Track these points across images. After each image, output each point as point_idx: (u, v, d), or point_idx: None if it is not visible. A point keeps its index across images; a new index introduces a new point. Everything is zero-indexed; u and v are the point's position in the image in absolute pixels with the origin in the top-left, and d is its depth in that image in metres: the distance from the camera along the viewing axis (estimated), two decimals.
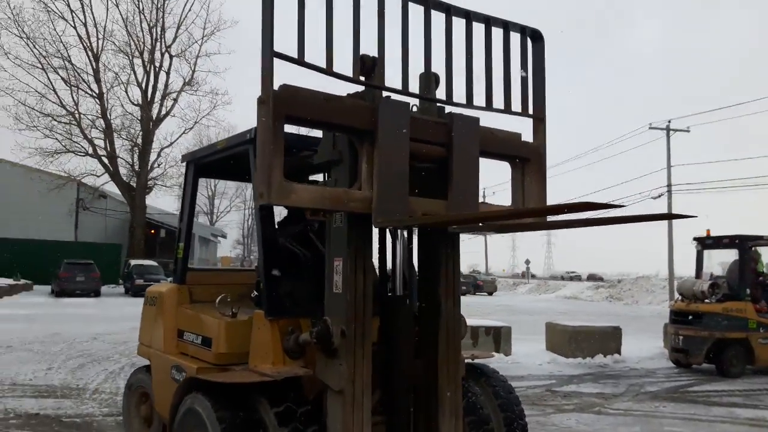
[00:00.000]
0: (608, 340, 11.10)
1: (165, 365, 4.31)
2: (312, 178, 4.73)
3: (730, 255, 10.62)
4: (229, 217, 52.86)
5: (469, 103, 3.09)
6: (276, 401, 3.24)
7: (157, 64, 35.02)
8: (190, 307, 4.40)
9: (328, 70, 2.70)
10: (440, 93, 3.12)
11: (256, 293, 3.76)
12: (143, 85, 34.80)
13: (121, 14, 35.22)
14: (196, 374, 3.70)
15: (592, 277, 61.30)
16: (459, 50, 3.08)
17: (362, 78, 2.89)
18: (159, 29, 34.79)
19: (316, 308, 3.23)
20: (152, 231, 37.58)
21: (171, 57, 35.23)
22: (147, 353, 4.73)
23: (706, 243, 10.49)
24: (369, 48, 2.87)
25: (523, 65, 3.24)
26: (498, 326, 10.97)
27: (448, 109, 3.19)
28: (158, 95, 35.21)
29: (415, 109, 3.17)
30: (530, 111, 3.27)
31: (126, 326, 13.84)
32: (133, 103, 34.89)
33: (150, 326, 4.71)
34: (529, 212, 2.83)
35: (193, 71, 35.28)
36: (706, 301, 9.78)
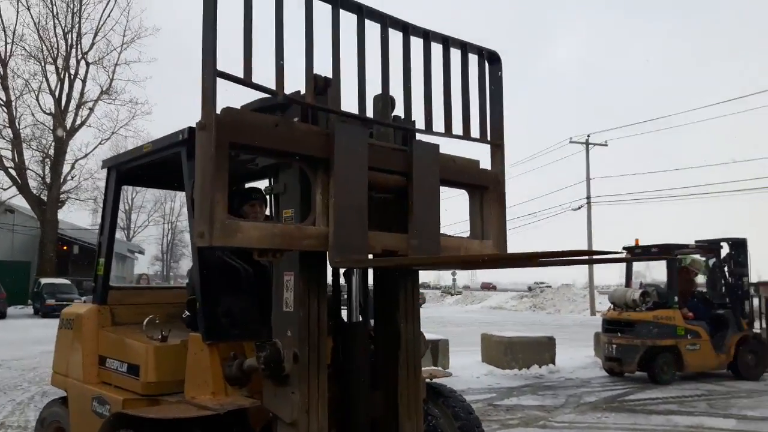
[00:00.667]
0: (543, 350, 11.18)
1: (84, 397, 3.87)
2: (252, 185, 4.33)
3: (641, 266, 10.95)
4: (147, 232, 50.67)
5: (428, 129, 2.88)
6: None
7: (72, 72, 33.29)
8: (113, 330, 3.98)
9: (279, 92, 2.41)
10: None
11: (187, 313, 3.43)
12: (56, 93, 32.97)
13: (32, 18, 33.01)
14: (123, 408, 3.31)
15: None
16: (416, 72, 2.87)
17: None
18: (74, 35, 33.11)
19: (260, 329, 2.96)
20: (64, 247, 35.52)
21: (87, 64, 33.57)
22: (63, 383, 4.25)
23: (636, 252, 10.76)
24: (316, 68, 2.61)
25: (481, 88, 3.08)
26: (435, 339, 10.83)
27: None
28: (73, 104, 33.48)
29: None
30: (488, 137, 3.10)
31: (35, 350, 12.90)
32: (45, 112, 32.99)
33: (66, 352, 4.24)
34: (507, 258, 2.62)
35: (111, 79, 33.76)
36: (638, 309, 10.01)
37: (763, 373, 10.21)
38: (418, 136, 2.96)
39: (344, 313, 3.31)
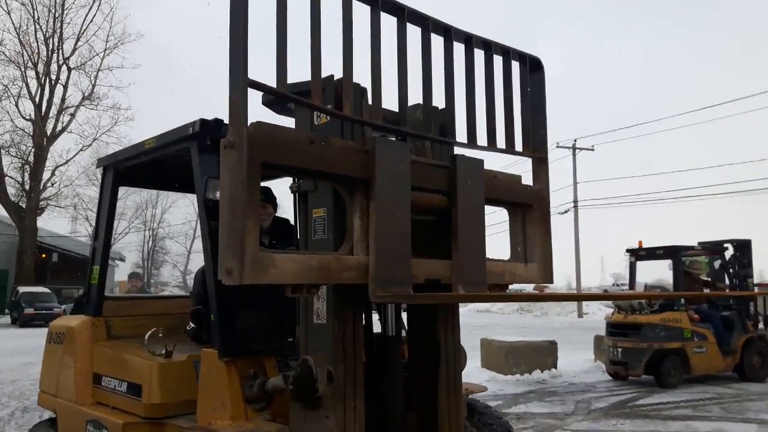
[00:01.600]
0: (544, 354, 10.96)
1: (77, 419, 3.57)
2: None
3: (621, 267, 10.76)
4: (127, 239, 49.60)
5: (472, 143, 2.60)
6: None
7: (54, 77, 32.55)
8: (110, 344, 3.69)
9: (316, 104, 2.11)
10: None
11: (192, 325, 3.19)
12: (37, 99, 32.19)
13: (13, 22, 32.18)
14: None
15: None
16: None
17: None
18: (56, 40, 32.38)
19: (282, 344, 2.74)
20: (43, 255, 34.70)
21: (69, 69, 32.87)
22: (52, 404, 3.93)
23: (640, 254, 10.58)
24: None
25: (524, 98, 2.83)
26: None
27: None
28: (54, 110, 32.72)
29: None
30: (531, 150, 2.85)
31: (14, 362, 12.37)
32: (24, 118, 32.25)
33: (55, 370, 3.92)
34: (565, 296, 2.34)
35: (94, 85, 33.05)
36: (643, 312, 9.81)
37: None
38: (458, 150, 2.70)
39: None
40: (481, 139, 2.64)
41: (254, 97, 2.19)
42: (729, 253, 10.53)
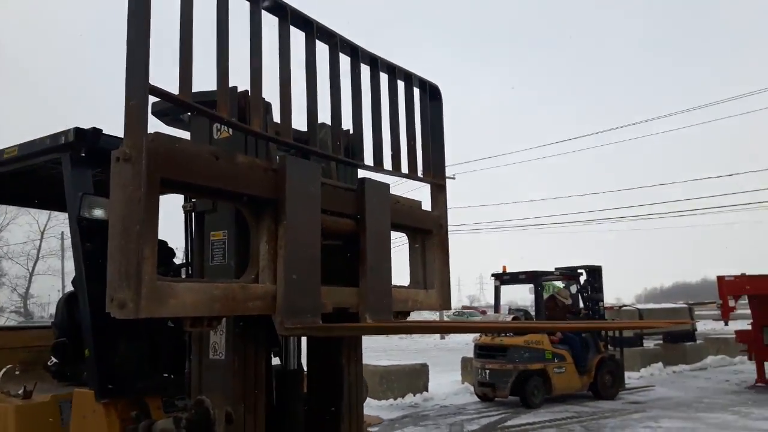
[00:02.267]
0: (416, 377, 11.12)
1: None
2: None
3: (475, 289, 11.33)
4: None
5: (378, 166, 2.54)
6: None
7: None
8: None
9: (225, 118, 1.92)
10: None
11: (54, 360, 2.91)
12: None
13: None
14: None
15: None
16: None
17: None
18: None
19: (168, 382, 2.54)
20: None
21: None
22: None
23: (504, 278, 11.06)
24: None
25: (424, 124, 2.83)
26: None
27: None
28: None
29: None
30: (431, 176, 2.86)
31: None
32: None
33: None
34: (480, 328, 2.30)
35: None
36: (509, 334, 10.21)
37: (618, 392, 10.87)
38: (361, 173, 2.65)
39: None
40: (386, 162, 2.59)
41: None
42: (583, 278, 11.32)
